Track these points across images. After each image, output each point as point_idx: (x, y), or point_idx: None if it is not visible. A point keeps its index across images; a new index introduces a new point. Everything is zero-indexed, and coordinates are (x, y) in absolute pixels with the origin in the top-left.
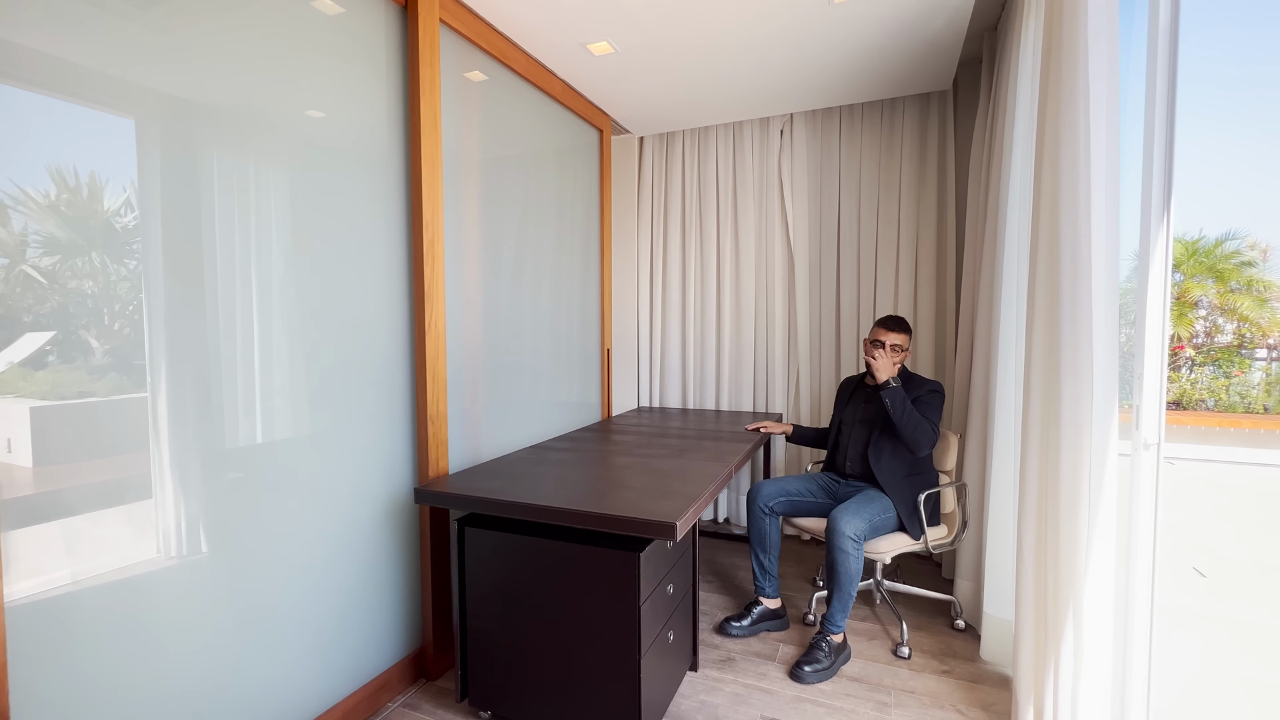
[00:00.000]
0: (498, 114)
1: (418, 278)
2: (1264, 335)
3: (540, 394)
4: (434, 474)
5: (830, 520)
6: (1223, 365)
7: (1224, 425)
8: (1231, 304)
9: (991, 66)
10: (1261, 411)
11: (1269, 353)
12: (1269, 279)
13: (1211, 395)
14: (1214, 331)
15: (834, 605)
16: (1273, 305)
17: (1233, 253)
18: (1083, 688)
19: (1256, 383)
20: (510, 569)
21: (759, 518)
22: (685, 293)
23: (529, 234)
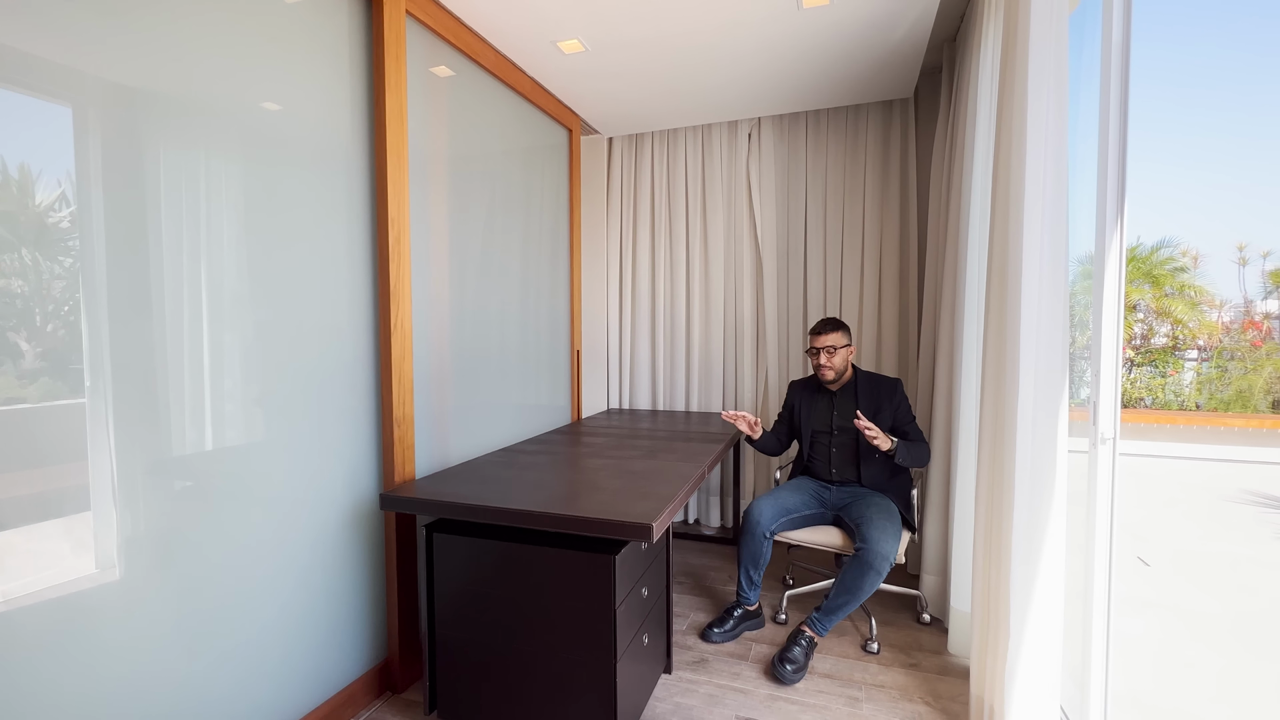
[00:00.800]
0: (466, 111)
1: (382, 277)
2: (1194, 337)
3: (510, 396)
4: (400, 479)
5: (871, 542)
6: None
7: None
8: (1166, 308)
9: (951, 76)
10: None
11: (1199, 354)
12: (1200, 284)
13: (1149, 393)
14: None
15: (838, 615)
16: (1203, 309)
17: (1167, 259)
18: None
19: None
20: (480, 575)
21: (759, 541)
22: (655, 294)
23: (498, 234)
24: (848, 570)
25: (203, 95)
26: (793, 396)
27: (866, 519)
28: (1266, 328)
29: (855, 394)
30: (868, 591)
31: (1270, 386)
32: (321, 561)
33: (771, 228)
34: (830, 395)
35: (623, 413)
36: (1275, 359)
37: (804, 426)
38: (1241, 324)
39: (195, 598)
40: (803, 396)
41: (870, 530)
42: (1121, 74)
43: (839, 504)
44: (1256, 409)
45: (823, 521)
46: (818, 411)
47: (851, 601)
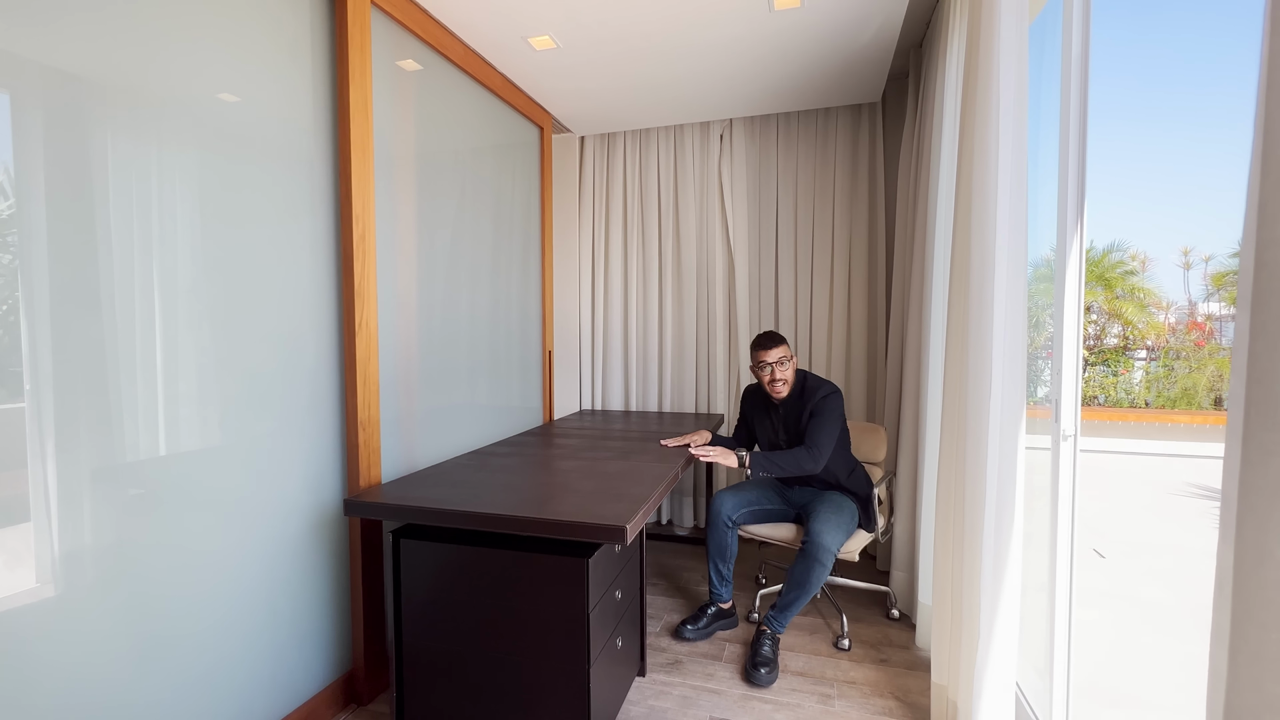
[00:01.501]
0: (434, 106)
1: (347, 275)
2: (1143, 338)
3: (480, 397)
4: (365, 484)
5: (813, 534)
6: (1111, 365)
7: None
8: (1118, 309)
9: (918, 82)
10: (1144, 406)
11: (1148, 353)
12: (1148, 287)
13: (1102, 392)
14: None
15: (792, 610)
16: (1151, 310)
17: (1118, 262)
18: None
19: (1138, 380)
20: (450, 582)
21: (722, 530)
22: (627, 294)
23: (467, 232)
24: (795, 565)
25: (154, 84)
26: (747, 404)
27: (813, 513)
28: (1209, 328)
29: (797, 404)
30: (815, 584)
31: (1212, 384)
32: (282, 571)
33: (743, 228)
34: (776, 408)
35: (595, 414)
36: (1217, 358)
37: (759, 439)
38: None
39: (145, 612)
40: (755, 407)
41: (814, 524)
42: (1081, 81)
43: (800, 502)
44: (1200, 406)
45: (785, 518)
46: (766, 427)
47: (801, 595)
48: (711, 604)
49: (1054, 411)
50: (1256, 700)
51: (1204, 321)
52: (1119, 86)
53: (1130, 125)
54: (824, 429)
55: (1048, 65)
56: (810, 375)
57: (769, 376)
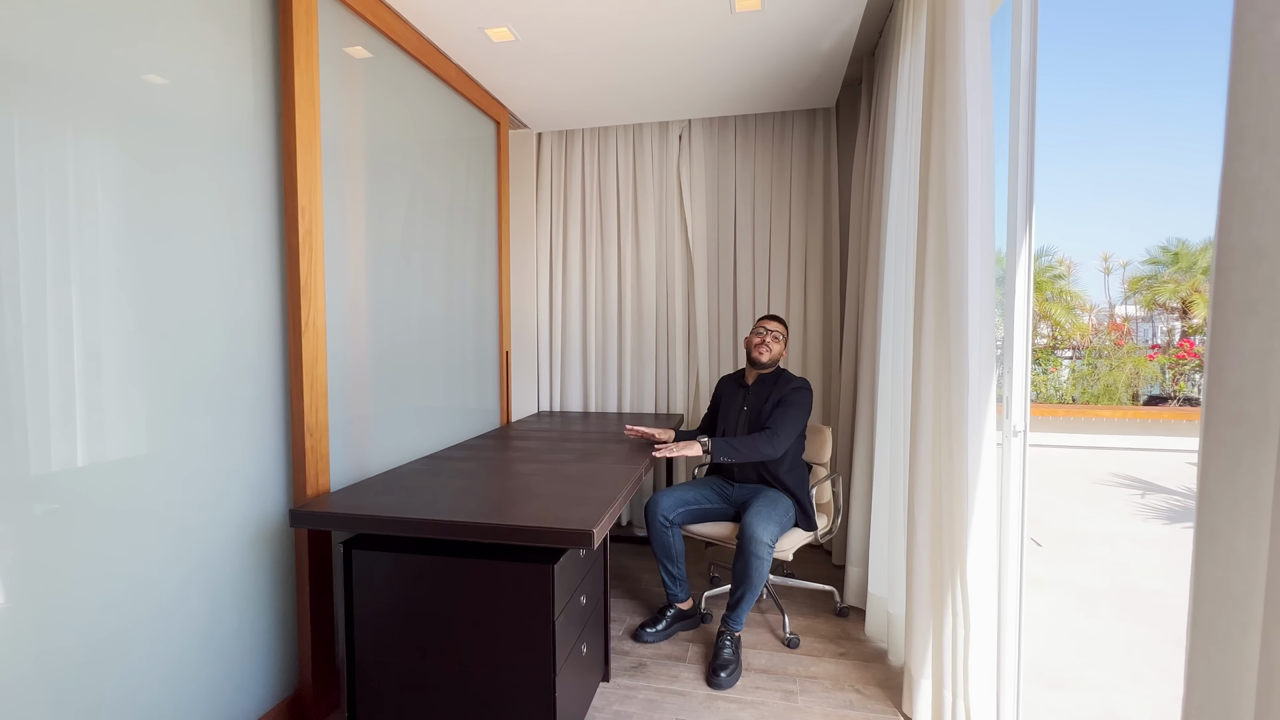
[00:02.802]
0: (385, 96)
1: (292, 271)
2: (1069, 338)
3: (434, 400)
4: (313, 492)
5: (746, 528)
6: (1041, 363)
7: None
8: (1047, 311)
9: (870, 89)
10: (1070, 402)
11: (1073, 353)
12: (1074, 290)
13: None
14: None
15: (743, 607)
16: (1076, 312)
17: (1047, 267)
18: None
19: (1065, 378)
20: (406, 593)
21: (660, 530)
22: (586, 294)
23: (421, 229)
24: (735, 562)
25: (66, 63)
26: (719, 389)
27: (749, 508)
28: (1126, 329)
29: (766, 390)
30: (758, 577)
31: (1130, 381)
32: (221, 587)
33: (702, 229)
34: (746, 389)
35: (553, 415)
36: (1134, 357)
37: (721, 421)
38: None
39: (61, 639)
40: (726, 389)
41: (747, 517)
42: (1029, 85)
43: (740, 500)
44: (1120, 401)
45: (724, 517)
46: (733, 407)
47: (748, 590)
48: (670, 605)
49: (1005, 409)
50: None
51: (1122, 323)
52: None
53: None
54: (787, 417)
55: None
56: (787, 370)
57: (760, 338)
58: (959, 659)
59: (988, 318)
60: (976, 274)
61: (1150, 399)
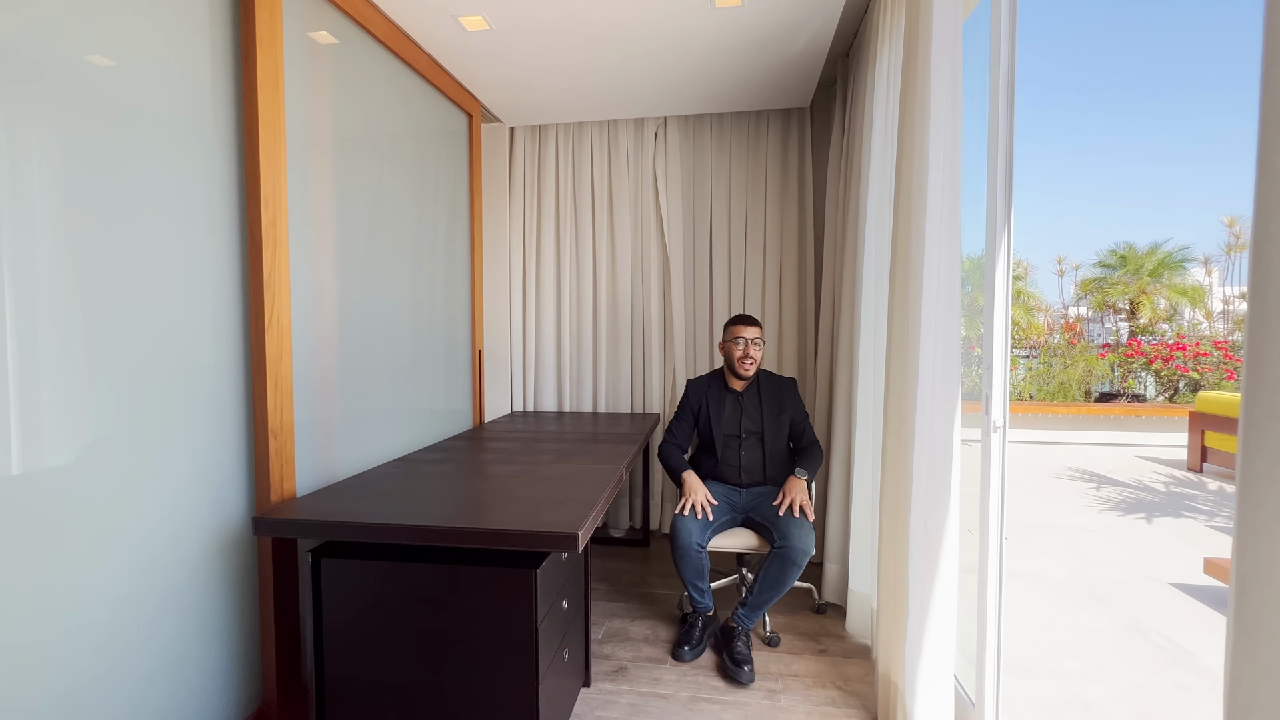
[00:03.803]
0: (354, 85)
1: (255, 263)
2: (1027, 337)
3: (406, 400)
4: (278, 498)
5: (791, 539)
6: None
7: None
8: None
9: (845, 90)
10: (1028, 399)
11: (1030, 352)
12: (1032, 291)
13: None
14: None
15: (764, 608)
16: (1033, 313)
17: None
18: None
19: (1022, 376)
20: (379, 603)
21: (694, 556)
22: (560, 292)
23: (392, 223)
24: (770, 567)
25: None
26: (696, 396)
27: (779, 519)
28: (1079, 329)
29: (759, 395)
30: (789, 585)
31: (1083, 379)
32: (177, 601)
33: (678, 227)
34: (736, 396)
35: (527, 415)
36: (1087, 355)
37: (715, 431)
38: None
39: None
40: (709, 398)
41: (789, 528)
42: (1008, 83)
43: (749, 505)
44: (1074, 398)
45: (733, 524)
46: (727, 415)
47: (775, 596)
48: (697, 616)
49: (984, 406)
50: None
51: (1075, 323)
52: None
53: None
54: (809, 424)
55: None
56: (770, 372)
57: (742, 352)
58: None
59: (951, 317)
60: (934, 273)
61: (1101, 396)
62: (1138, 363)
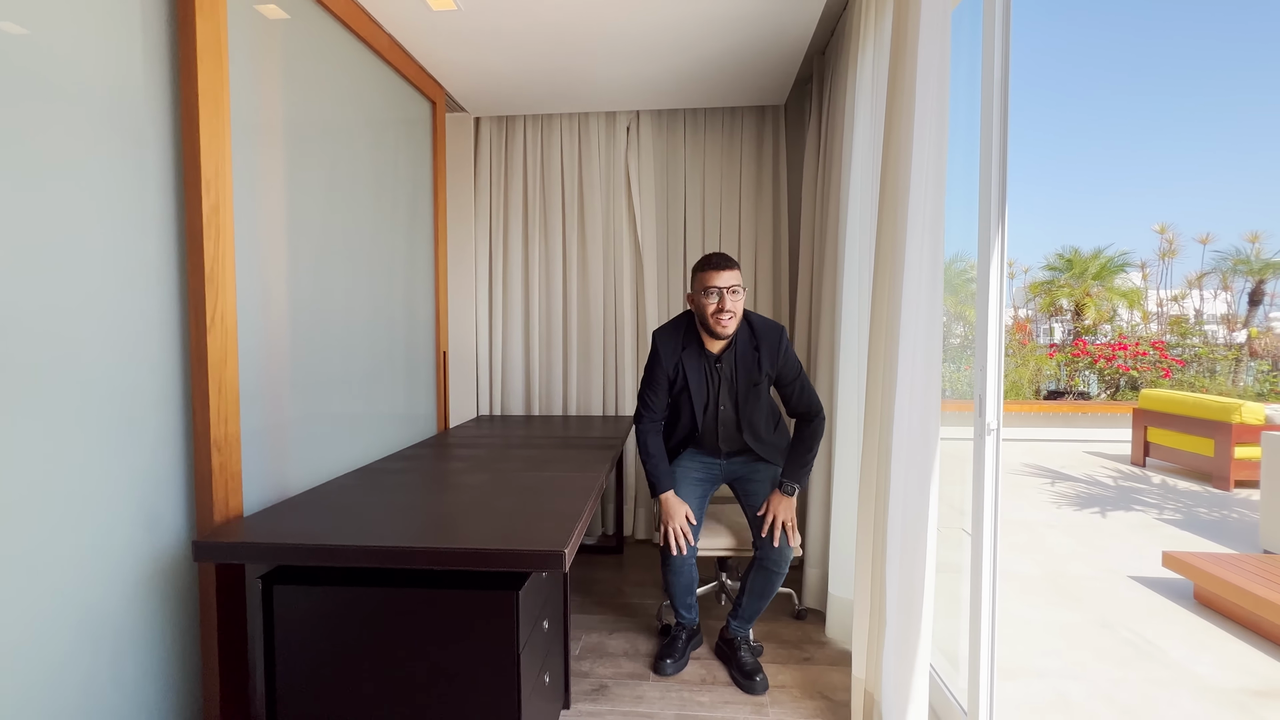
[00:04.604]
0: (307, 64)
1: (194, 255)
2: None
3: (365, 405)
4: (222, 517)
5: (770, 552)
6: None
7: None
8: (961, 312)
9: (821, 87)
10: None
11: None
12: None
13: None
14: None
15: (755, 616)
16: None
17: (961, 271)
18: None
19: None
20: (340, 633)
21: (686, 572)
22: (529, 290)
23: (349, 215)
24: (754, 580)
25: None
26: (668, 359)
27: (764, 537)
28: (1029, 329)
29: (735, 356)
30: (776, 590)
31: (1034, 378)
32: (102, 641)
33: (652, 225)
34: (713, 361)
35: (494, 420)
36: (1037, 355)
37: (693, 402)
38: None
39: None
40: (685, 364)
41: (777, 543)
42: (1002, 81)
43: (729, 474)
44: (1025, 396)
45: (714, 488)
46: (702, 383)
47: (764, 604)
48: (681, 629)
49: (977, 407)
50: None
51: (1025, 323)
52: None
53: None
54: (808, 387)
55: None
56: (754, 315)
57: (716, 306)
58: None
59: (933, 318)
60: (915, 274)
61: (1049, 394)
62: (1083, 362)
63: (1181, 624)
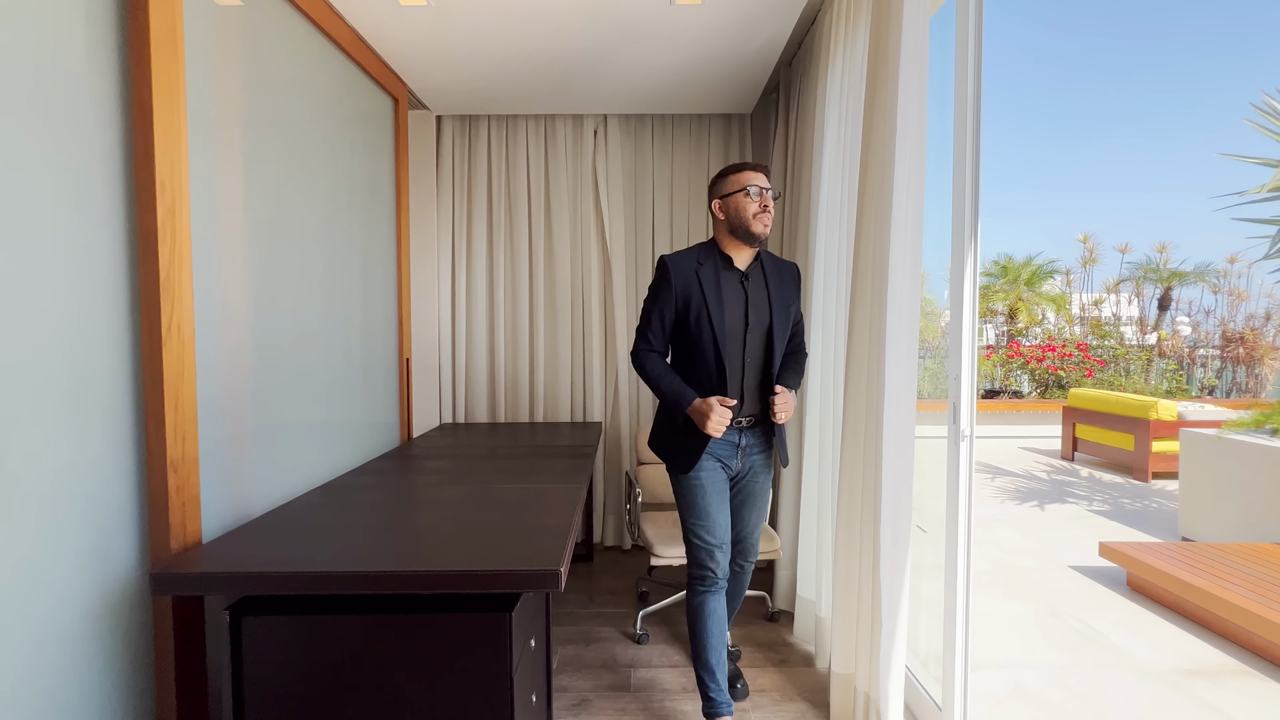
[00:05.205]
0: (266, 56)
1: (148, 262)
2: (923, 340)
3: (327, 417)
4: (180, 545)
5: (750, 556)
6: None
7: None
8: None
9: (788, 97)
10: (925, 396)
11: (925, 352)
12: (928, 296)
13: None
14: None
15: (731, 619)
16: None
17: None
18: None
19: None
20: (318, 664)
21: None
22: (494, 294)
23: (311, 217)
24: (731, 586)
25: None
26: (682, 279)
27: (749, 527)
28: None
29: (765, 278)
30: (744, 591)
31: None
32: (41, 686)
33: (620, 229)
34: (740, 277)
35: (458, 428)
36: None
37: (717, 328)
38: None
39: None
40: (703, 279)
41: (752, 537)
42: (975, 88)
43: (743, 471)
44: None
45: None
46: (732, 306)
47: (735, 605)
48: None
49: (952, 413)
50: None
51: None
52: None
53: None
54: (804, 326)
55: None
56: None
57: (760, 205)
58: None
59: (912, 324)
60: (899, 282)
61: (986, 393)
62: (1017, 363)
63: (1119, 610)
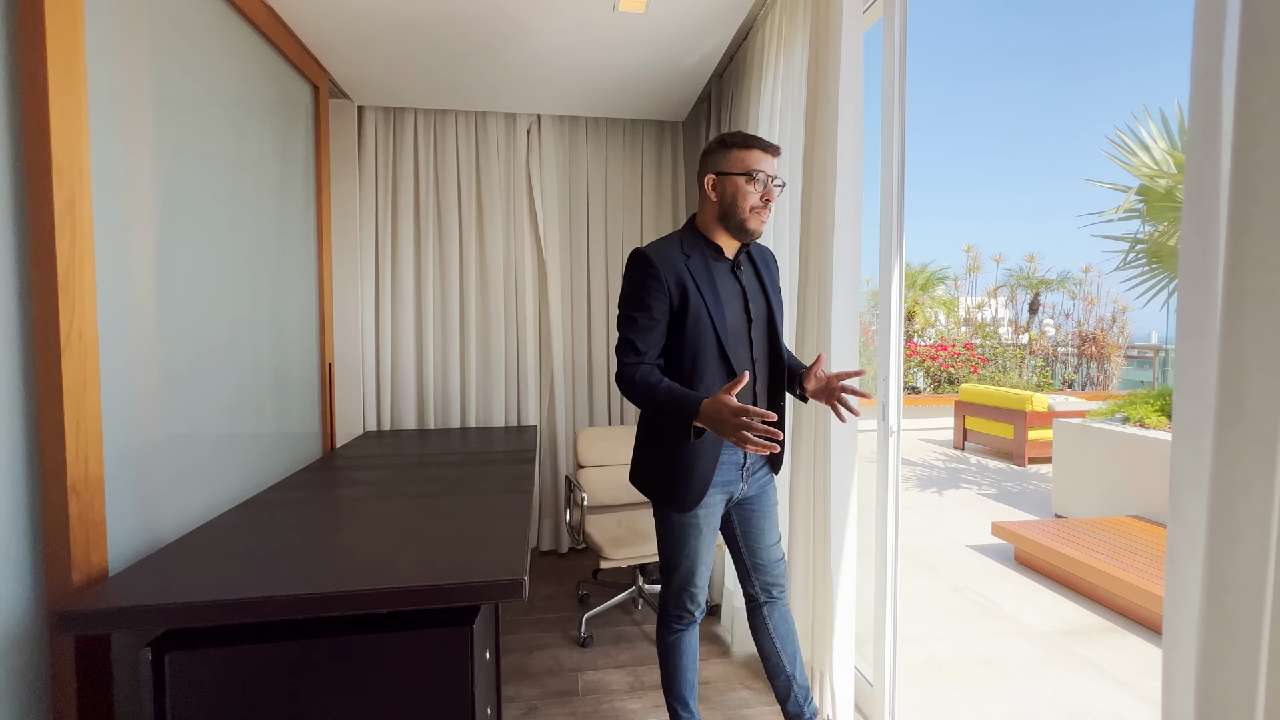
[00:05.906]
0: (175, 36)
1: (44, 261)
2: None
3: (244, 429)
4: (83, 578)
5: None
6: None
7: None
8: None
9: (720, 107)
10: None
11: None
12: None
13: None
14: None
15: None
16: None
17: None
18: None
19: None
20: (258, 701)
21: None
22: (422, 294)
23: (225, 212)
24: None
25: None
26: (665, 266)
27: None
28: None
29: (754, 265)
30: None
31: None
32: None
33: (555, 229)
34: (731, 269)
35: (384, 436)
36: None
37: (719, 328)
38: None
39: None
40: (694, 272)
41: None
42: (900, 102)
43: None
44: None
45: None
46: (727, 294)
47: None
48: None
49: (881, 411)
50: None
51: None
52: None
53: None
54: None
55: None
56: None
57: (762, 197)
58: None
59: (853, 329)
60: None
61: None
62: (914, 361)
63: (1010, 583)
